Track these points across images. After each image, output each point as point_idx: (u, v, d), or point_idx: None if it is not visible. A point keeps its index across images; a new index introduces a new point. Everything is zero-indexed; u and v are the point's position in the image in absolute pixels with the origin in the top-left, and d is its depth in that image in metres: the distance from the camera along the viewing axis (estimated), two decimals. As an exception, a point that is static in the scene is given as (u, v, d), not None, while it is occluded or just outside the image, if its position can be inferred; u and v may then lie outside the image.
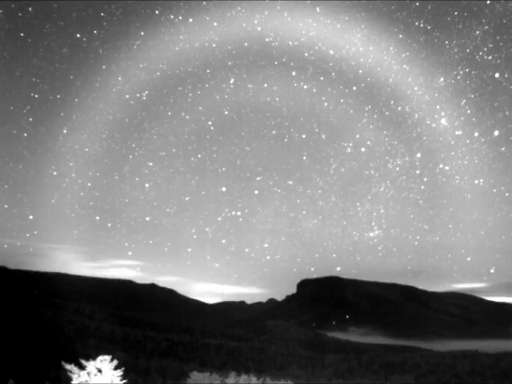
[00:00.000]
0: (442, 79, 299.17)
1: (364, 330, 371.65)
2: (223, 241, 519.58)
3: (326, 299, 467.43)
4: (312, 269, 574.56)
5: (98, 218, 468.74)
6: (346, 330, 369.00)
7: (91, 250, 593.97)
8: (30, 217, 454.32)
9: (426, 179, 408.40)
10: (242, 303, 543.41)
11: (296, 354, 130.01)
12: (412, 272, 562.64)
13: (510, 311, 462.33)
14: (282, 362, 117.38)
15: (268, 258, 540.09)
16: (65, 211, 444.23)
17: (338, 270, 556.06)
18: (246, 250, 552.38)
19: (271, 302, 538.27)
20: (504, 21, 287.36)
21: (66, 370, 26.27)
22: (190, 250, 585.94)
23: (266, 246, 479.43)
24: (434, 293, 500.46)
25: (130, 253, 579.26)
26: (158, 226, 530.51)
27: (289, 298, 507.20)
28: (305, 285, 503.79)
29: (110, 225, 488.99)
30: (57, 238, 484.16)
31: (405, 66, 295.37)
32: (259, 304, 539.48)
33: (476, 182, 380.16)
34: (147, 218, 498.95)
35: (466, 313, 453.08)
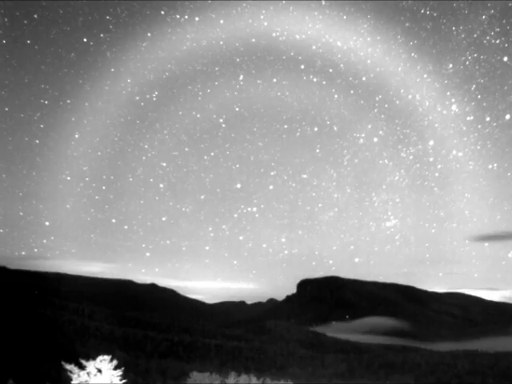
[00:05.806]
0: (450, 65, 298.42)
1: (364, 330, 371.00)
2: (240, 237, 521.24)
3: (325, 299, 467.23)
4: (330, 261, 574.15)
5: (114, 220, 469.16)
6: (346, 330, 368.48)
7: (109, 252, 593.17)
8: (46, 223, 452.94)
9: (439, 166, 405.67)
10: (242, 303, 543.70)
11: (296, 354, 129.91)
12: (430, 260, 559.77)
13: (510, 311, 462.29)
14: (282, 361, 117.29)
15: (286, 252, 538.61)
16: (81, 215, 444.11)
17: (356, 262, 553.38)
18: (264, 245, 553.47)
19: (271, 301, 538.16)
20: (510, 4, 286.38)
21: (66, 370, 26.28)
22: (207, 248, 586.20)
23: (283, 240, 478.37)
24: (434, 293, 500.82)
25: (147, 254, 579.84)
26: (175, 225, 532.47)
27: (289, 298, 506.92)
28: (305, 285, 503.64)
29: (126, 227, 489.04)
30: (74, 242, 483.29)
31: (413, 54, 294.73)
32: (259, 304, 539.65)
33: (490, 166, 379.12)
34: (163, 219, 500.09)
35: (466, 313, 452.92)
